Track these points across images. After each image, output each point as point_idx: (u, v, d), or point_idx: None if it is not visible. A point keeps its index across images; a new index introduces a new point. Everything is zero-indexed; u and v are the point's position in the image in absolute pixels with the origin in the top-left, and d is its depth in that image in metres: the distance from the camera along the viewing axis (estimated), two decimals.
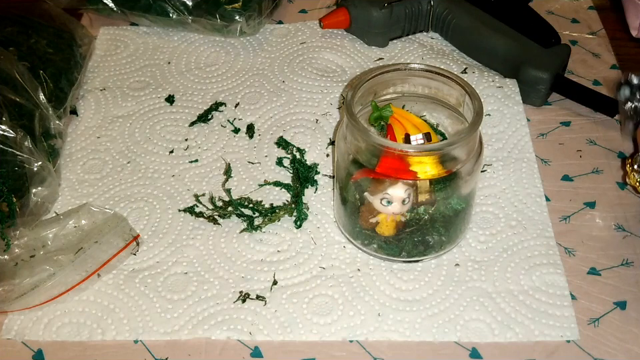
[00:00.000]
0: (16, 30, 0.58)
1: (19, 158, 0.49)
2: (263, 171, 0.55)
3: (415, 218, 0.45)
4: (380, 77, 0.47)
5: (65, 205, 0.52)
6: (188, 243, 0.50)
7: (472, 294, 0.47)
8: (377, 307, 0.46)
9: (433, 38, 0.66)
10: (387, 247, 0.47)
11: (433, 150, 0.43)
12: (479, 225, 0.51)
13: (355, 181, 0.46)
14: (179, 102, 0.61)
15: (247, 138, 0.57)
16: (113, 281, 0.48)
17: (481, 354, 0.44)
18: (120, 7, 0.65)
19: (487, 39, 0.61)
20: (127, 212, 0.52)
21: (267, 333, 0.45)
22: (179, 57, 0.65)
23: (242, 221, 0.51)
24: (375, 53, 0.64)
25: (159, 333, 0.45)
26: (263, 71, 0.63)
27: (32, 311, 0.46)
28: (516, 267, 0.48)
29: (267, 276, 0.48)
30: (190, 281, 0.48)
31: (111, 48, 0.66)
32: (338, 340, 0.45)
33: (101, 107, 0.60)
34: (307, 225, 0.51)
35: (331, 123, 0.58)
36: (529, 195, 0.52)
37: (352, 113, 0.44)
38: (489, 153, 0.55)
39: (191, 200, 0.53)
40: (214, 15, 0.63)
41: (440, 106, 0.49)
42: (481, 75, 0.60)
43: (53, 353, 0.45)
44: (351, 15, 0.64)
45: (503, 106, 0.58)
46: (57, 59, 0.58)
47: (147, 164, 0.56)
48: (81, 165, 0.56)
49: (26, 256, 0.47)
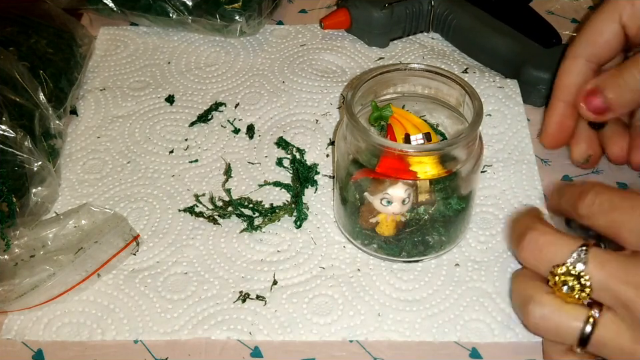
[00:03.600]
0: (16, 30, 0.58)
1: (19, 158, 0.49)
2: (263, 171, 0.55)
3: (415, 218, 0.45)
4: (380, 77, 0.47)
5: (65, 205, 0.52)
6: (188, 243, 0.50)
7: (472, 294, 0.47)
8: (376, 307, 0.46)
9: (433, 38, 0.66)
10: (387, 246, 0.47)
11: (432, 150, 0.43)
12: (479, 225, 0.51)
13: (355, 180, 0.46)
14: (178, 102, 0.61)
15: (247, 138, 0.57)
16: (112, 281, 0.48)
17: (481, 354, 0.44)
18: (120, 7, 0.65)
19: (488, 39, 0.61)
20: (127, 212, 0.52)
21: (267, 333, 0.45)
22: (178, 57, 0.65)
23: (242, 221, 0.51)
24: (375, 53, 0.64)
25: (159, 333, 0.45)
26: (263, 71, 0.63)
27: (32, 311, 0.46)
28: (516, 267, 0.48)
29: (266, 276, 0.48)
30: (190, 281, 0.48)
31: (110, 48, 0.66)
32: (338, 340, 0.45)
33: (101, 107, 0.60)
34: (307, 225, 0.51)
35: (331, 123, 0.58)
36: (529, 197, 0.52)
37: (352, 113, 0.44)
38: (489, 154, 0.55)
39: (191, 200, 0.53)
40: (214, 15, 0.63)
41: (440, 106, 0.49)
42: (481, 75, 0.60)
43: (53, 353, 0.45)
44: (352, 15, 0.64)
45: (504, 106, 0.58)
46: (57, 59, 0.58)
47: (147, 164, 0.56)
48: (81, 164, 0.56)
49: (26, 256, 0.47)
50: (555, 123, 0.50)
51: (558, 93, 0.49)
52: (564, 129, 0.50)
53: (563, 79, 0.49)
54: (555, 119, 0.50)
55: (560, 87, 0.49)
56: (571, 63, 0.49)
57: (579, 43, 0.48)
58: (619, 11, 0.46)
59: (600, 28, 0.47)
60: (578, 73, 0.48)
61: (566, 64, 0.49)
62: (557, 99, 0.49)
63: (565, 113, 0.49)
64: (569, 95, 0.49)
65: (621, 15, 0.46)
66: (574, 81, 0.48)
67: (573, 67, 0.48)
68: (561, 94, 0.49)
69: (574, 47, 0.49)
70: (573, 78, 0.48)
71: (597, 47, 0.47)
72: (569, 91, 0.48)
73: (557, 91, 0.49)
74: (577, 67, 0.48)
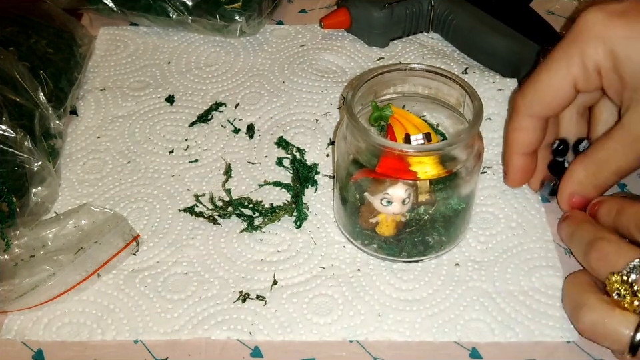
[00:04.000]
0: (16, 30, 0.58)
1: (19, 158, 0.49)
2: (263, 171, 0.55)
3: (415, 218, 0.45)
4: (380, 77, 0.47)
5: (65, 205, 0.52)
6: (188, 243, 0.50)
7: (472, 294, 0.47)
8: (377, 307, 0.46)
9: (433, 38, 0.66)
10: (387, 247, 0.47)
11: (433, 150, 0.43)
12: (479, 226, 0.51)
13: (355, 181, 0.46)
14: (179, 102, 0.61)
15: (247, 138, 0.57)
16: (113, 281, 0.48)
17: (481, 354, 0.44)
18: (120, 7, 0.65)
19: (488, 39, 0.61)
20: (127, 212, 0.52)
21: (267, 333, 0.45)
22: (178, 57, 0.65)
23: (242, 221, 0.51)
24: (375, 53, 0.64)
25: (159, 333, 0.45)
26: (263, 71, 0.63)
27: (32, 311, 0.46)
28: (516, 268, 0.48)
29: (266, 276, 0.48)
30: (190, 281, 0.48)
31: (110, 48, 0.66)
32: (338, 340, 0.45)
33: (101, 107, 0.60)
34: (307, 224, 0.51)
35: (331, 123, 0.58)
36: (529, 200, 0.52)
37: (352, 113, 0.44)
38: (489, 156, 0.55)
39: (191, 200, 0.53)
40: (214, 15, 0.63)
41: (440, 106, 0.49)
42: (481, 76, 0.60)
43: (53, 353, 0.45)
44: (352, 15, 0.64)
45: (504, 110, 0.58)
46: (57, 59, 0.58)
47: (147, 164, 0.56)
48: (81, 165, 0.56)
49: (26, 256, 0.47)
50: (518, 172, 0.51)
51: (515, 149, 0.50)
52: (528, 173, 0.51)
53: (517, 136, 0.49)
54: (516, 169, 0.50)
55: (516, 144, 0.49)
56: (522, 120, 0.48)
57: (529, 100, 0.48)
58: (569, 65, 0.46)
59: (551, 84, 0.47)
60: (531, 130, 0.48)
61: (517, 122, 0.49)
62: (514, 153, 0.50)
63: (525, 162, 0.50)
64: (524, 148, 0.49)
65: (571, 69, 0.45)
66: (526, 136, 0.49)
67: (525, 124, 0.48)
68: (518, 148, 0.49)
69: (523, 103, 0.48)
70: (527, 135, 0.49)
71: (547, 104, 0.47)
72: (524, 144, 0.49)
73: (513, 146, 0.50)
74: (531, 124, 0.48)
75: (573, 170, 0.48)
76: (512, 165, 0.50)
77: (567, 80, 0.46)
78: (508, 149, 0.50)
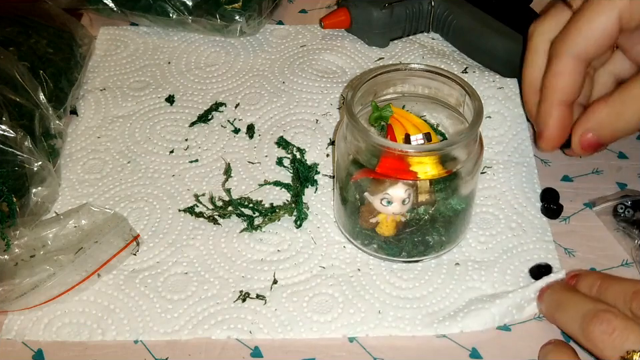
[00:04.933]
0: (16, 30, 0.58)
1: (19, 158, 0.49)
2: (263, 171, 0.55)
3: (415, 218, 0.45)
4: (380, 77, 0.47)
5: (65, 205, 0.52)
6: (188, 243, 0.50)
7: (472, 293, 0.47)
8: (377, 305, 0.46)
9: (433, 38, 0.66)
10: (387, 247, 0.47)
11: (433, 150, 0.43)
12: (479, 226, 0.51)
13: (355, 181, 0.46)
14: (179, 102, 0.61)
15: (247, 138, 0.57)
16: (113, 281, 0.48)
17: (481, 354, 0.44)
18: (120, 7, 0.65)
19: (488, 39, 0.61)
20: (127, 212, 0.52)
21: (267, 332, 0.45)
22: (178, 57, 0.65)
23: (242, 221, 0.51)
24: (375, 53, 0.64)
25: (159, 333, 0.45)
26: (263, 71, 0.63)
27: (32, 311, 0.46)
28: (515, 268, 0.48)
29: (267, 275, 0.48)
30: (190, 281, 0.48)
31: (111, 48, 0.66)
32: (338, 337, 0.45)
33: (101, 107, 0.60)
34: (307, 224, 0.51)
35: (331, 123, 0.58)
36: (529, 200, 0.52)
37: (352, 113, 0.44)
38: (489, 156, 0.55)
39: (191, 200, 0.53)
40: (214, 15, 0.63)
41: (440, 106, 0.49)
42: (481, 76, 0.60)
43: (53, 353, 0.45)
44: (352, 14, 0.64)
45: (504, 108, 0.58)
46: (57, 59, 0.58)
47: (147, 164, 0.56)
48: (81, 165, 0.56)
49: (26, 256, 0.47)
50: (557, 127, 0.48)
51: (556, 96, 0.47)
52: (566, 130, 0.48)
53: (559, 81, 0.46)
54: (556, 123, 0.47)
55: (557, 90, 0.47)
56: (565, 63, 0.46)
57: (571, 39, 0.45)
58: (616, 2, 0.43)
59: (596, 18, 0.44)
60: (575, 74, 0.46)
61: (559, 65, 0.46)
62: (555, 104, 0.47)
63: (565, 114, 0.47)
64: (567, 95, 0.47)
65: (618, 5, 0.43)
66: (569, 81, 0.46)
67: (569, 67, 0.46)
68: (560, 95, 0.47)
69: (564, 43, 0.46)
70: (570, 79, 0.46)
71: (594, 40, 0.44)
72: (566, 91, 0.46)
73: (554, 94, 0.47)
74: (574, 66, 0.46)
75: (594, 108, 0.45)
76: (552, 118, 0.47)
77: (613, 13, 0.44)
78: (547, 99, 0.47)
